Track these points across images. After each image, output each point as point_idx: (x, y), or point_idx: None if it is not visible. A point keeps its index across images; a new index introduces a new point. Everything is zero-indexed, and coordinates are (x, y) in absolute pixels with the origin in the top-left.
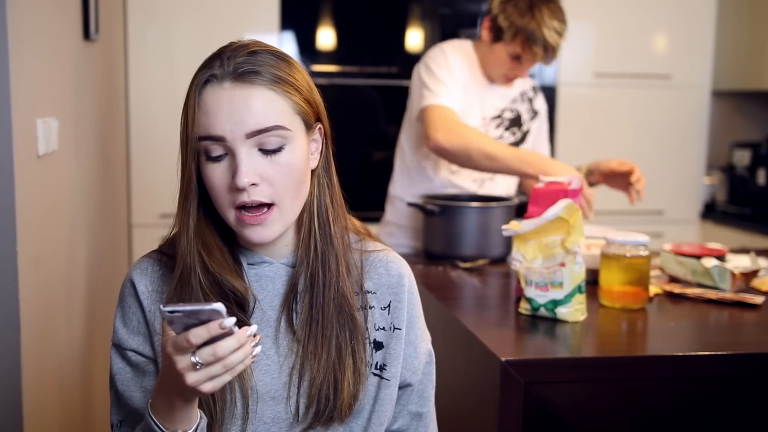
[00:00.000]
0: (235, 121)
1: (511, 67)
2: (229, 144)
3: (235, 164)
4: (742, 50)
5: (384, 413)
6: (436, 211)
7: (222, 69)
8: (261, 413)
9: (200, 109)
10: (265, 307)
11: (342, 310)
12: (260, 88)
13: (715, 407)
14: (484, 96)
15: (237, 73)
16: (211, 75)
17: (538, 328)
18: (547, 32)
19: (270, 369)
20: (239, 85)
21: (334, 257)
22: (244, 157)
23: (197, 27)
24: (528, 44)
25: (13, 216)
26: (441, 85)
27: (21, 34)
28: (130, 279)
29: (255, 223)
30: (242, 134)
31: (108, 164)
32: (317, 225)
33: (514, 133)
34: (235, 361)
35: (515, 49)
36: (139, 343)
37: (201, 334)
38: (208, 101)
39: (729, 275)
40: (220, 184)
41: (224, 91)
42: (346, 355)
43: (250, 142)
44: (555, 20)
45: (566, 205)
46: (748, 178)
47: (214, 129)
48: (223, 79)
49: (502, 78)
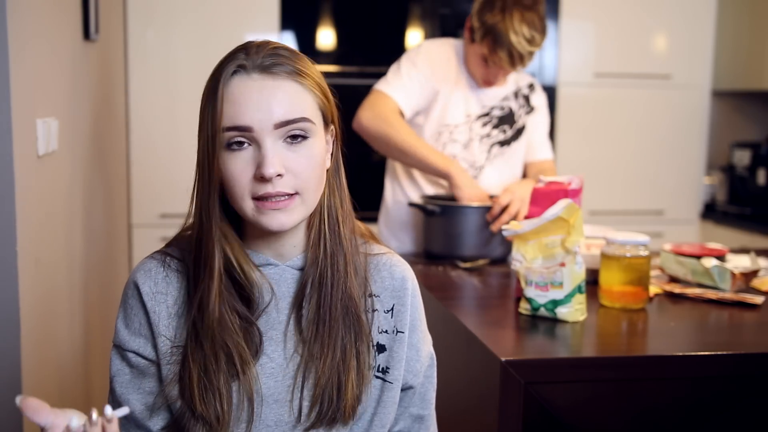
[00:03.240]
0: (264, 111)
1: (483, 71)
2: (255, 134)
3: (261, 155)
4: (742, 50)
5: (386, 416)
6: (436, 211)
7: (250, 61)
8: (264, 416)
9: (227, 100)
10: (270, 310)
11: (348, 311)
12: (288, 81)
13: (715, 407)
14: (469, 94)
15: (265, 65)
16: (239, 66)
17: (538, 328)
18: (514, 37)
19: (274, 372)
20: (268, 77)
21: (343, 258)
22: (270, 147)
23: (197, 27)
24: (493, 47)
25: (13, 216)
26: (398, 78)
27: (21, 34)
28: (133, 280)
29: (276, 208)
30: (270, 125)
31: (108, 164)
32: (327, 226)
33: (504, 131)
34: None
35: (483, 50)
36: (140, 344)
37: None
38: (236, 92)
39: (729, 275)
40: (241, 174)
41: (254, 82)
42: (350, 357)
43: (277, 133)
44: (525, 26)
45: (566, 205)
46: (748, 178)
47: (242, 119)
48: (252, 71)
49: (480, 80)
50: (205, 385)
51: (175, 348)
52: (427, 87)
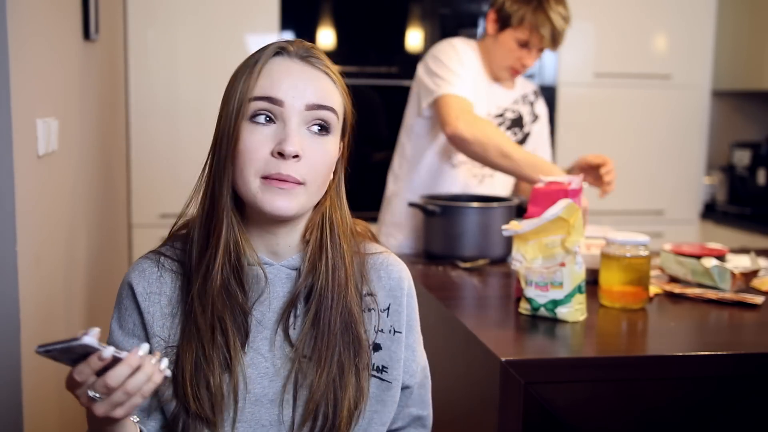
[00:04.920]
0: (301, 89)
1: (519, 55)
2: (285, 110)
3: (285, 132)
4: (742, 50)
5: (386, 414)
6: (436, 212)
7: (292, 47)
8: (259, 416)
9: (264, 75)
10: (263, 307)
11: (348, 327)
12: (325, 75)
13: (715, 407)
14: (488, 93)
15: (305, 56)
16: (281, 47)
17: (538, 328)
18: (554, 16)
19: (268, 372)
20: (308, 65)
21: (344, 272)
22: (295, 127)
23: (197, 27)
24: (536, 28)
25: (13, 216)
26: (453, 75)
27: (21, 34)
28: (127, 281)
29: (283, 188)
30: (302, 104)
31: (108, 164)
32: (330, 239)
33: (515, 133)
34: (135, 385)
35: (522, 34)
36: (134, 345)
37: (83, 370)
38: (276, 68)
39: (729, 275)
40: (258, 148)
41: (295, 64)
42: (349, 374)
43: (305, 115)
44: (561, 6)
45: (566, 205)
46: (748, 178)
47: (276, 91)
48: (294, 56)
49: (508, 71)
50: (198, 381)
51: (169, 348)
52: (471, 81)
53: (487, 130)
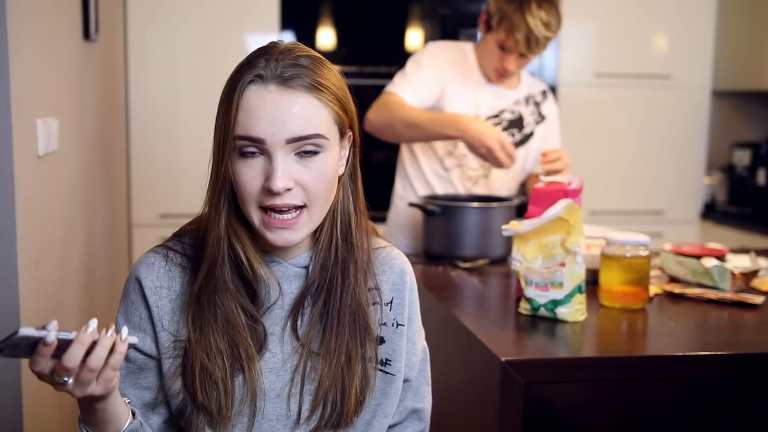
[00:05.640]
0: (278, 125)
1: (499, 57)
2: (267, 147)
3: (271, 168)
4: (742, 50)
5: (389, 407)
6: (436, 212)
7: (268, 70)
8: (266, 411)
9: (242, 109)
10: (274, 306)
11: (356, 319)
12: (305, 95)
13: (715, 407)
14: (479, 95)
15: (284, 77)
16: (256, 75)
17: (538, 328)
18: (531, 20)
19: (276, 367)
20: (285, 90)
21: (354, 264)
22: (280, 161)
23: (197, 27)
24: (511, 31)
25: (13, 216)
26: (404, 78)
27: (21, 34)
28: (135, 275)
29: (282, 227)
30: (283, 139)
31: (108, 164)
32: (339, 231)
33: (513, 134)
34: (97, 360)
35: (500, 36)
36: (139, 339)
37: (36, 360)
38: (252, 102)
39: (729, 275)
40: (251, 183)
41: (269, 94)
42: (356, 363)
43: (289, 147)
44: (543, 12)
45: (566, 205)
46: (748, 178)
47: (255, 131)
48: (269, 81)
49: (494, 73)
50: (207, 374)
51: (178, 342)
52: (432, 84)
53: (391, 108)
